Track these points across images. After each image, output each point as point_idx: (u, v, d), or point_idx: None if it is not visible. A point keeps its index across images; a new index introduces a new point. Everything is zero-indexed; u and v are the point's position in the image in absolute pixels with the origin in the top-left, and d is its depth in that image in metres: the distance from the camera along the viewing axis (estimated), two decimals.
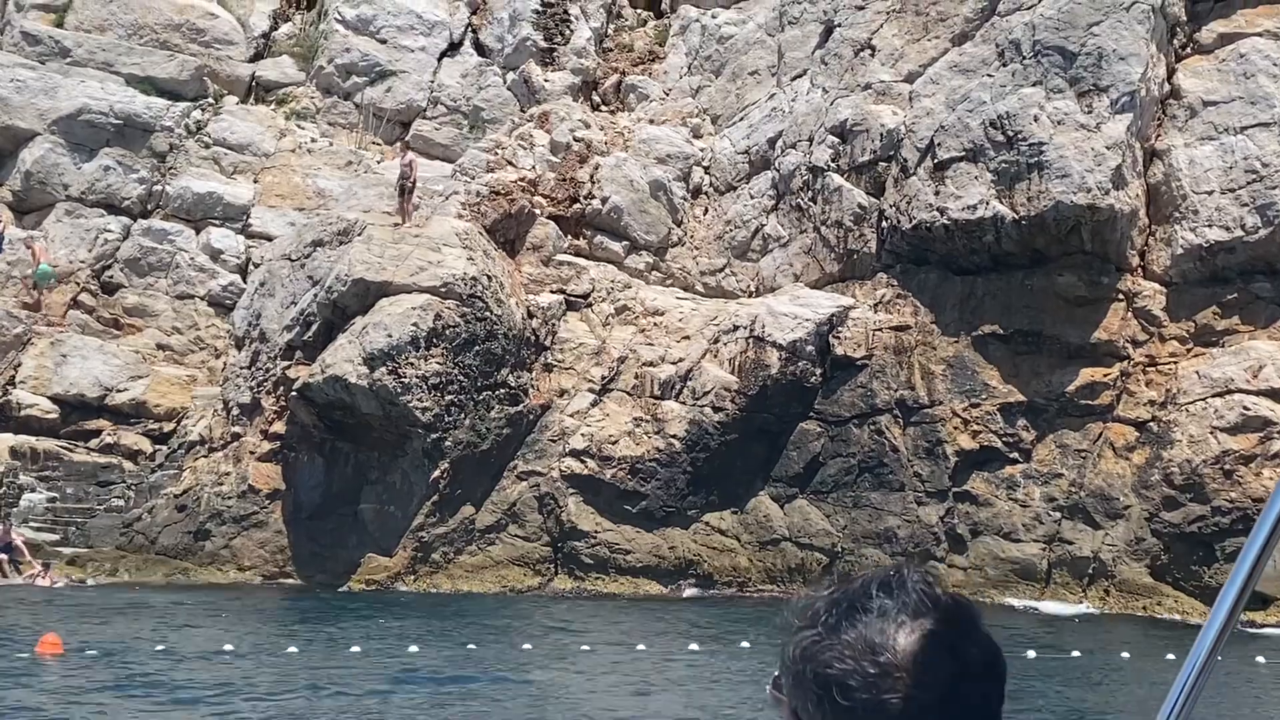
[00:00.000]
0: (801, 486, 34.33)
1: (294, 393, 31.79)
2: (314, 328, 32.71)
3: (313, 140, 42.12)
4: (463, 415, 32.15)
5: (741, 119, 39.32)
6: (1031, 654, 23.02)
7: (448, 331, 31.85)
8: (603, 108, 41.17)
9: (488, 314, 32.65)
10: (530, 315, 34.30)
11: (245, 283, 39.46)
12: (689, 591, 33.13)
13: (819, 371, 34.41)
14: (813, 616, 1.91)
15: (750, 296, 37.14)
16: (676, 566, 33.80)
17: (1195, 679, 2.12)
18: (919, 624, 1.86)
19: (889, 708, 1.82)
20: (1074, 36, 33.23)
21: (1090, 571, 32.62)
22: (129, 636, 23.44)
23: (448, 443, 32.00)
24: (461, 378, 32.08)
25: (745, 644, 24.94)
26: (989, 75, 34.30)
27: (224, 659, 21.62)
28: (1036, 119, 33.15)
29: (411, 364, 31.20)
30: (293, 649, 22.46)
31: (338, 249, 33.28)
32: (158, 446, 36.32)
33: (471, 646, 23.74)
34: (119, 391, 37.07)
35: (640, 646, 24.58)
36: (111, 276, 40.00)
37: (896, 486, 33.68)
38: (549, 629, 27.27)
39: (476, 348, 32.40)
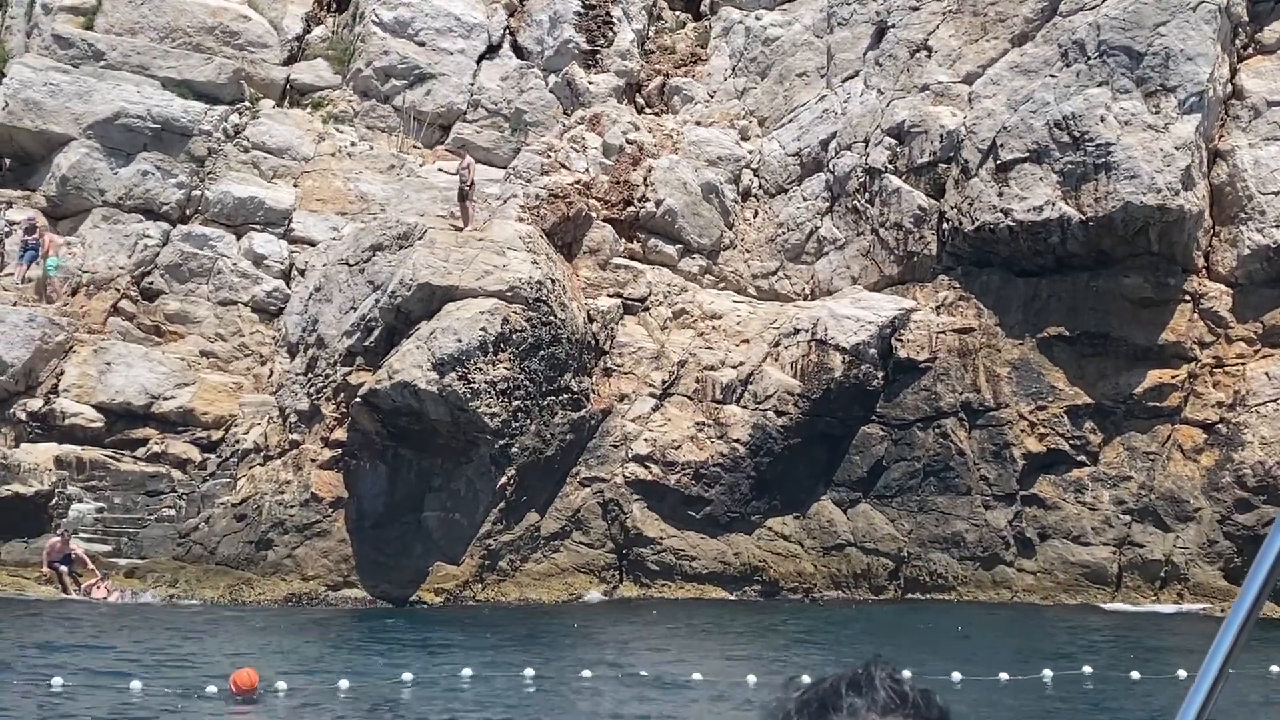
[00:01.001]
0: (865, 491, 33.99)
1: (358, 399, 31.25)
2: (375, 333, 32.20)
3: (352, 144, 41.54)
4: (529, 421, 31.69)
5: (790, 121, 38.94)
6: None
7: (514, 336, 31.40)
8: (647, 110, 40.74)
9: (552, 318, 32.21)
10: (590, 319, 33.86)
11: (290, 288, 38.90)
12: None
13: (881, 375, 34.08)
14: (784, 716, 1.96)
15: (805, 299, 36.78)
16: (742, 573, 33.40)
17: (1216, 677, 2.11)
18: None
19: None
20: (1140, 36, 32.98)
21: (1163, 575, 32.35)
22: (310, 662, 22.77)
23: (514, 449, 31.54)
24: (528, 383, 31.63)
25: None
26: (1052, 76, 34.03)
27: (464, 684, 21.01)
28: (1103, 119, 32.90)
29: (480, 369, 30.73)
30: (529, 670, 21.80)
31: (397, 253, 32.78)
32: (206, 455, 35.68)
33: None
34: (165, 399, 36.43)
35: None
36: (152, 283, 39.33)
37: (963, 490, 33.37)
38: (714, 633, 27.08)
39: (542, 352, 31.96)
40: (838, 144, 37.26)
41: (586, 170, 36.47)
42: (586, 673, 22.09)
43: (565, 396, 32.59)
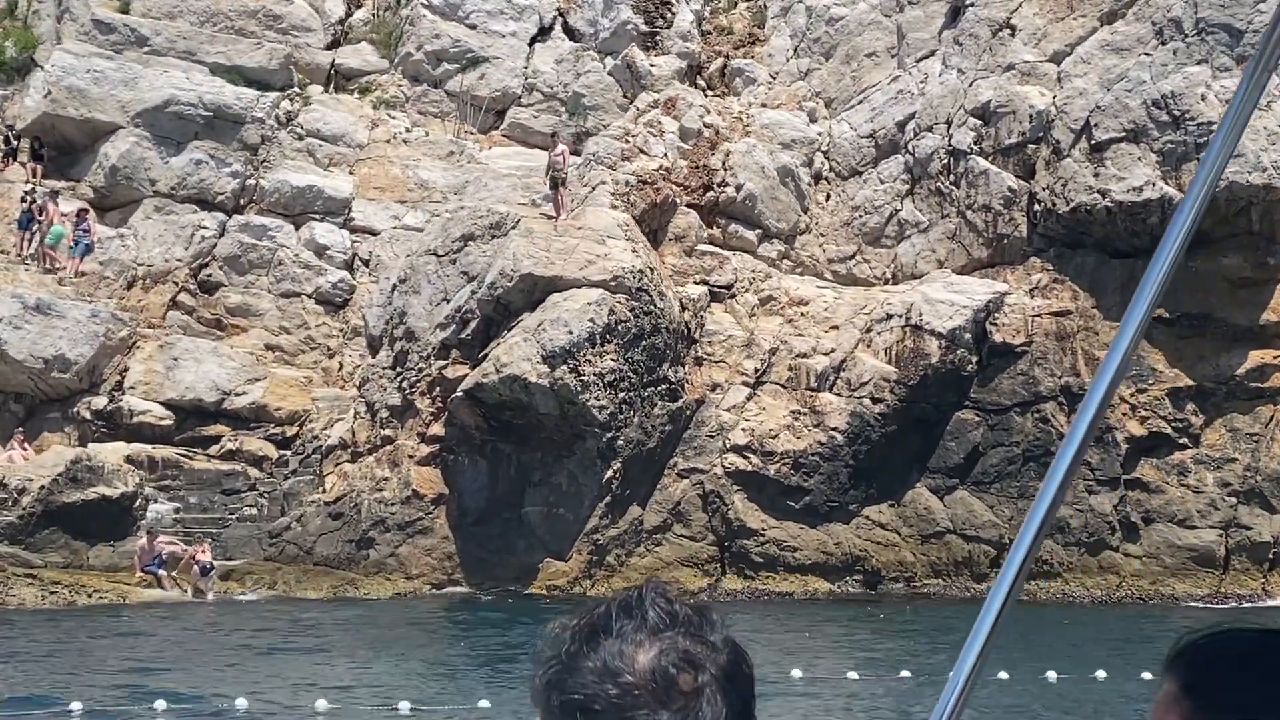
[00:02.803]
0: (961, 477, 33.50)
1: (459, 394, 30.41)
2: (472, 325, 31.36)
3: (407, 130, 40.55)
4: (632, 413, 30.98)
5: (861, 102, 38.32)
6: None
7: (619, 327, 30.68)
8: (708, 92, 39.99)
9: (653, 307, 31.51)
10: (683, 308, 33.17)
11: (354, 279, 37.91)
12: None
13: (975, 360, 33.59)
14: (557, 646, 1.92)
15: (886, 284, 36.23)
16: (843, 563, 32.86)
17: (986, 640, 2.06)
18: (657, 641, 1.88)
19: None
20: (1240, 14, 32.60)
21: (1271, 556, 32.10)
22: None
23: (619, 442, 30.83)
24: (631, 374, 30.94)
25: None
26: (1146, 54, 33.60)
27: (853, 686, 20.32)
28: (1204, 98, 32.51)
29: (589, 361, 29.98)
30: (852, 674, 21.04)
31: (490, 243, 31.92)
32: (282, 451, 34.71)
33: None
34: (237, 395, 35.42)
35: None
36: (210, 275, 38.20)
37: None
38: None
39: (644, 342, 31.26)
40: (917, 125, 36.69)
41: (665, 155, 35.70)
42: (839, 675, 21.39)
43: (664, 387, 31.92)
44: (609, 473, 30.83)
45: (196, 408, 35.31)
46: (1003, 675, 19.95)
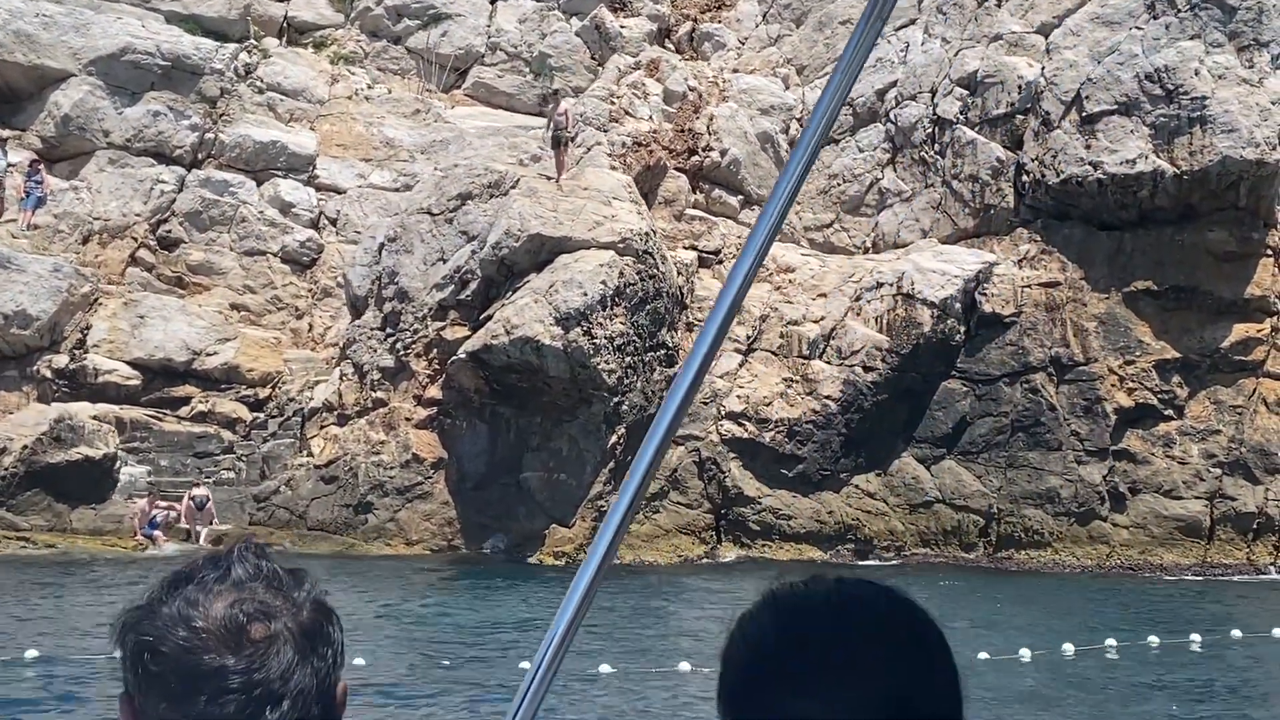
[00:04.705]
0: (948, 447, 33.52)
1: (462, 355, 29.63)
2: (472, 286, 30.58)
3: (368, 87, 39.44)
4: (635, 378, 30.48)
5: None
6: None
7: (629, 290, 30.12)
8: (679, 56, 39.48)
9: (656, 271, 31.02)
10: (678, 273, 32.72)
11: (322, 238, 36.79)
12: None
13: (963, 329, 33.63)
14: (148, 595, 1.99)
15: (866, 253, 36.12)
16: (836, 532, 32.71)
17: (578, 607, 2.10)
18: (236, 592, 1.95)
19: (202, 668, 1.90)
20: None
21: (1255, 526, 32.62)
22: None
23: (624, 407, 30.30)
24: (636, 338, 30.40)
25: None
26: (1137, 28, 33.83)
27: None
28: (1197, 73, 32.83)
29: (600, 324, 29.37)
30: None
31: (489, 202, 31.12)
32: (256, 414, 33.57)
33: None
34: (208, 355, 34.15)
35: None
36: (169, 231, 36.76)
37: (1054, 445, 33.10)
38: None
39: (648, 306, 30.75)
40: (899, 94, 36.59)
41: (650, 117, 35.16)
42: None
43: (662, 352, 31.45)
44: (613, 438, 30.29)
45: (165, 368, 34.00)
46: (1024, 654, 19.92)
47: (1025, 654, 20.07)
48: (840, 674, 1.41)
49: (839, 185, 36.93)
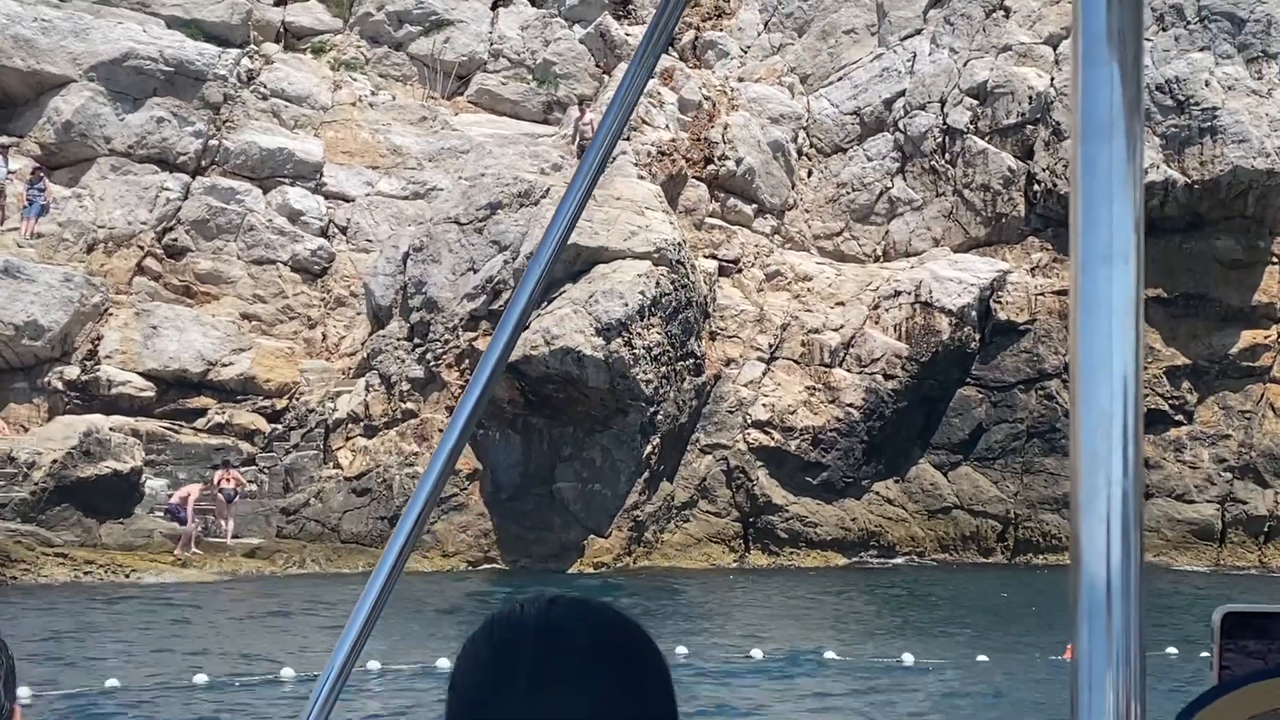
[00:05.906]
0: (965, 453, 33.97)
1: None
2: (504, 296, 30.48)
3: (372, 93, 39.19)
4: (669, 388, 30.59)
5: (841, 79, 38.39)
6: None
7: (664, 300, 30.23)
8: (685, 65, 39.56)
9: (687, 281, 31.15)
10: (704, 282, 32.88)
11: (333, 246, 36.51)
12: None
13: (978, 337, 34.07)
14: None
15: (877, 261, 36.45)
16: (860, 539, 33.02)
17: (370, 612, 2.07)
18: None
19: None
20: (1243, 3, 33.66)
21: (1266, 530, 33.32)
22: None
23: (659, 417, 30.41)
24: (670, 348, 30.52)
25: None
26: (1147, 40, 34.22)
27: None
28: (1207, 84, 33.47)
29: (639, 334, 29.46)
30: (982, 658, 20.62)
31: (519, 211, 31.09)
32: (274, 425, 33.29)
33: None
34: (224, 366, 33.82)
35: None
36: (175, 239, 36.30)
37: (1070, 451, 33.54)
38: None
39: (680, 316, 30.88)
40: (907, 104, 36.94)
41: (666, 126, 35.28)
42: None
43: (691, 361, 31.59)
44: (648, 448, 30.37)
45: (179, 379, 33.64)
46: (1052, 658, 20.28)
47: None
48: (551, 691, 1.47)
49: (848, 194, 37.22)
